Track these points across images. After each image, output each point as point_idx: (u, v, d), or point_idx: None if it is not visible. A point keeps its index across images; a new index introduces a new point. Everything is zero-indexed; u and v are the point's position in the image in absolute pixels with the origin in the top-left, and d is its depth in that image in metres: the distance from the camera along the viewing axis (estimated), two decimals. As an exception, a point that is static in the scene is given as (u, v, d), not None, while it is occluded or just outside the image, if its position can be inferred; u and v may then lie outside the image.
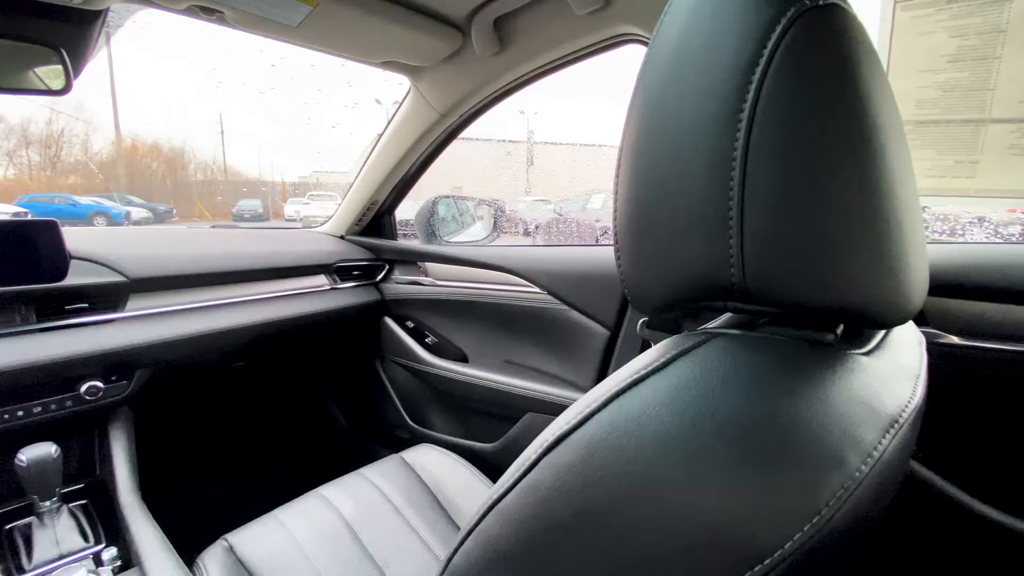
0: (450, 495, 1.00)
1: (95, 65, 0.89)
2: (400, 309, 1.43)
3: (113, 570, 0.83)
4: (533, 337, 1.18)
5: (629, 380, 0.28)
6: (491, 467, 1.10)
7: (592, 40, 0.90)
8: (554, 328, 1.12)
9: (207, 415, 1.54)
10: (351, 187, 1.43)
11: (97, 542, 0.87)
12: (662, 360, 0.29)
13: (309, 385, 1.72)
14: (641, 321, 0.60)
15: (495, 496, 0.30)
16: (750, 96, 0.27)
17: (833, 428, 0.25)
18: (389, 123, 1.28)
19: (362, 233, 1.51)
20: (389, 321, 1.43)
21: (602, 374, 1.04)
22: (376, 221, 1.50)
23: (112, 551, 0.85)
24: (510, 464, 0.31)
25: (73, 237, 0.91)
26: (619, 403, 0.28)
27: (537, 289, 1.14)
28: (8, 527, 0.86)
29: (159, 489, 1.02)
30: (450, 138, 1.29)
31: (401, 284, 1.44)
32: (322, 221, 1.57)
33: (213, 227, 1.53)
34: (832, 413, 0.26)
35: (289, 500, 0.96)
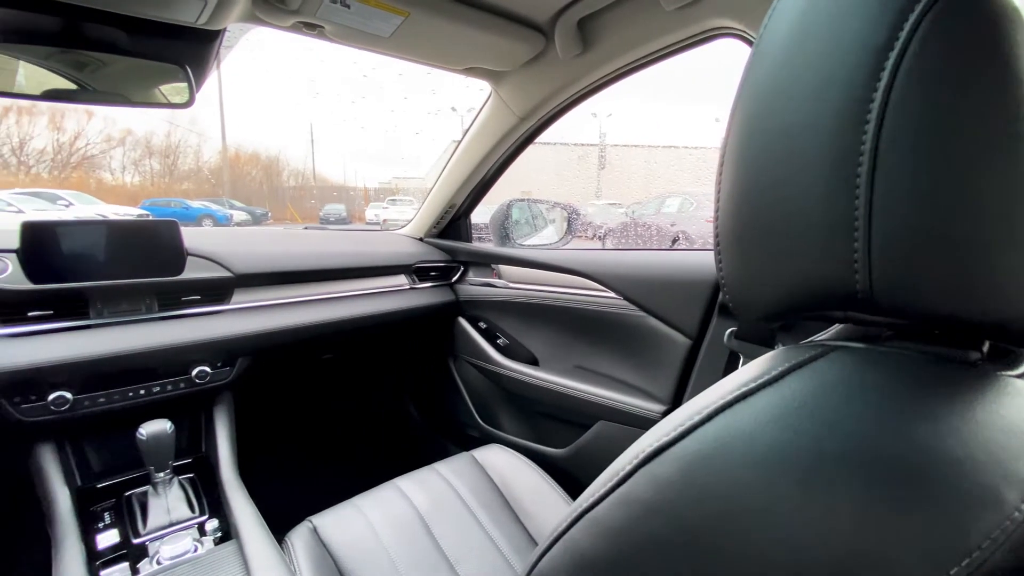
0: (519, 498, 1.00)
1: (208, 81, 0.98)
2: (473, 310, 1.46)
3: (214, 540, 0.91)
4: (606, 343, 1.16)
5: (736, 393, 0.26)
6: (560, 472, 1.09)
7: (681, 36, 0.87)
8: (629, 335, 1.09)
9: (296, 402, 1.65)
10: (430, 191, 1.48)
11: (201, 513, 0.96)
12: (774, 373, 0.27)
13: (387, 379, 1.80)
14: (729, 331, 0.56)
15: (584, 505, 0.29)
16: (881, 85, 0.24)
17: (985, 460, 0.22)
18: (468, 129, 1.31)
19: (439, 236, 1.56)
20: (463, 321, 1.46)
21: (682, 385, 0.99)
22: (453, 224, 1.54)
23: (214, 522, 0.94)
24: (581, 471, 0.30)
25: (188, 236, 1.01)
26: (726, 417, 0.26)
27: (611, 294, 1.11)
28: (127, 493, 0.97)
29: (252, 468, 1.11)
30: (527, 142, 1.29)
31: (475, 286, 1.46)
32: (401, 224, 1.63)
33: (306, 228, 1.65)
34: (983, 442, 0.23)
35: (365, 486, 1.00)
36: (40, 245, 0.85)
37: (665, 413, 0.99)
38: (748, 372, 0.28)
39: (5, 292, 0.83)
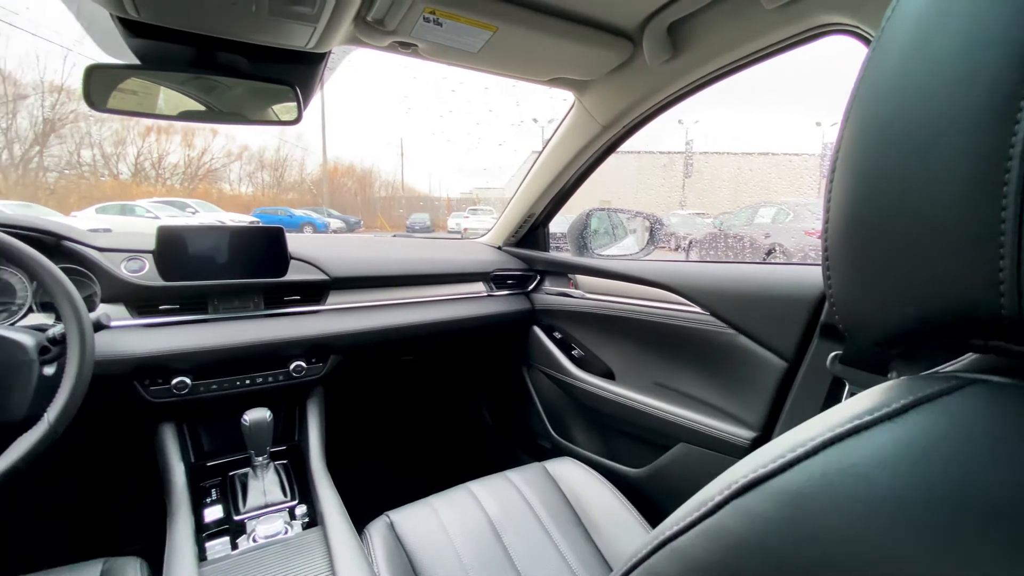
0: (591, 514, 0.98)
1: (313, 101, 1.07)
2: (549, 319, 1.45)
3: (302, 525, 0.97)
4: (690, 361, 1.10)
5: (848, 426, 0.23)
6: (636, 493, 1.04)
7: (782, 36, 0.80)
8: (716, 353, 1.02)
9: (376, 401, 1.74)
10: (510, 201, 1.50)
11: (292, 498, 1.03)
12: (894, 406, 0.24)
13: (463, 383, 1.84)
14: (833, 355, 0.51)
15: (667, 533, 0.28)
16: None
17: None
18: (550, 139, 1.32)
19: (517, 244, 1.57)
20: (537, 330, 1.46)
21: (775, 412, 0.91)
22: (531, 233, 1.55)
23: (303, 508, 1.00)
24: (658, 494, 0.28)
25: (291, 241, 1.10)
26: (836, 451, 0.23)
27: (696, 308, 1.05)
28: (231, 473, 1.06)
29: (336, 459, 1.17)
30: (609, 151, 1.27)
31: (551, 295, 1.46)
32: (481, 233, 1.67)
33: (394, 236, 1.74)
34: None
35: (437, 486, 1.03)
36: (171, 247, 0.97)
37: (755, 440, 0.91)
38: (861, 403, 0.25)
39: (143, 288, 0.96)
